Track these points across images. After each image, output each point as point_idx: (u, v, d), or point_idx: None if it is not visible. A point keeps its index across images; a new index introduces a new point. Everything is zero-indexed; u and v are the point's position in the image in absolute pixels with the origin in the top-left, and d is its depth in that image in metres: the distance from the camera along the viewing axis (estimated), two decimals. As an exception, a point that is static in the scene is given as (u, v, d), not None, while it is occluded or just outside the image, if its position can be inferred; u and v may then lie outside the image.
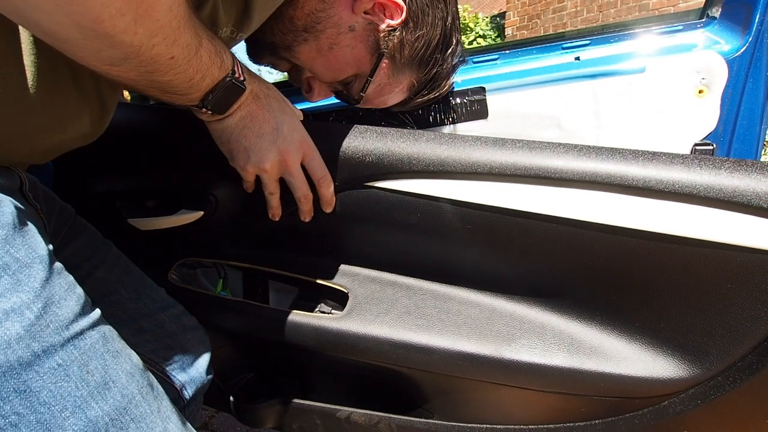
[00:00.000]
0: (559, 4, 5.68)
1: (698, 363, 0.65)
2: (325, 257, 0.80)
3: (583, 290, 0.69)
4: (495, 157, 0.65)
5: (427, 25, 0.73)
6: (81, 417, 0.43)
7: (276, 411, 0.85)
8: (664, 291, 0.64)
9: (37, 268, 0.44)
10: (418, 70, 0.78)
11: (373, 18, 0.70)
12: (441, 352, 0.71)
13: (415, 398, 0.83)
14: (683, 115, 0.89)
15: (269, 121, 0.63)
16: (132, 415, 0.46)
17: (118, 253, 0.71)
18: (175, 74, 0.49)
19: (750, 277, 0.59)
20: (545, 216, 0.64)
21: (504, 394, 0.75)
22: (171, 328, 0.69)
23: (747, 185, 0.57)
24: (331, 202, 0.71)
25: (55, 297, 0.45)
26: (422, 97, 0.83)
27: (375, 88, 0.77)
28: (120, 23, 0.39)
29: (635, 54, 0.89)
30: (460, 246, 0.71)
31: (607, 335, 0.69)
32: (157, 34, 0.43)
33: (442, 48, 0.77)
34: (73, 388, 0.43)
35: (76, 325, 0.45)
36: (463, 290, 0.76)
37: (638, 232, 0.61)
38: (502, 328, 0.72)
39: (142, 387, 0.49)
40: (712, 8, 0.88)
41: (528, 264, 0.70)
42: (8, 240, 0.43)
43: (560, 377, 0.69)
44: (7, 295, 0.42)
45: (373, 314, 0.75)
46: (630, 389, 0.68)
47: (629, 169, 0.61)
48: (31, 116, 0.50)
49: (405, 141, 0.69)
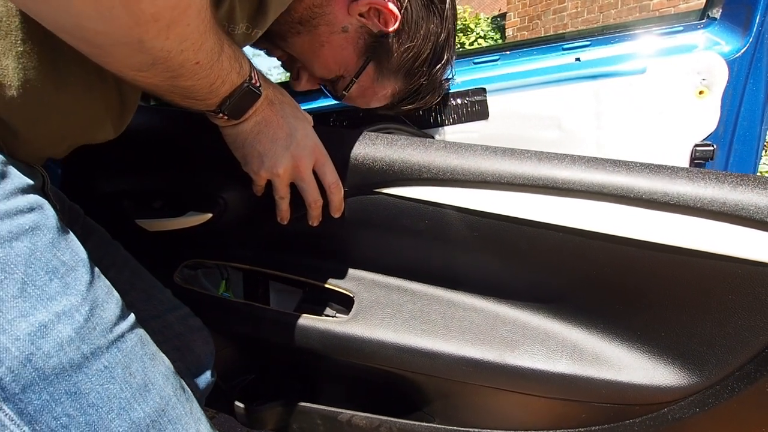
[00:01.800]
0: (559, 5, 5.69)
1: (697, 371, 0.66)
2: (331, 261, 0.81)
3: (587, 298, 0.70)
4: (504, 166, 0.66)
5: (419, 37, 0.73)
6: (125, 419, 0.44)
7: (277, 413, 0.85)
8: (665, 300, 0.65)
9: (81, 271, 0.45)
10: (403, 79, 0.79)
11: (367, 22, 0.70)
12: (445, 357, 0.72)
13: (417, 402, 0.83)
14: (684, 116, 0.89)
15: (283, 126, 0.64)
16: (169, 417, 0.47)
17: (127, 255, 0.71)
18: (198, 79, 0.50)
19: (750, 288, 0.60)
20: (552, 225, 0.65)
21: (506, 400, 0.76)
22: (178, 329, 0.69)
23: (749, 199, 0.58)
24: (340, 208, 0.72)
25: (99, 300, 0.45)
26: (406, 105, 0.84)
27: (358, 89, 0.78)
28: (153, 28, 0.40)
29: (636, 55, 0.89)
30: (467, 253, 0.72)
31: (608, 343, 0.70)
32: (187, 38, 0.44)
33: (430, 62, 0.78)
34: (118, 390, 0.44)
35: (118, 328, 0.46)
36: (468, 296, 0.76)
37: (642, 243, 0.62)
38: (506, 335, 0.72)
39: (176, 389, 0.49)
40: (713, 9, 0.88)
41: (533, 272, 0.71)
42: (54, 243, 0.44)
43: (562, 383, 0.69)
44: (57, 298, 0.42)
45: (379, 318, 0.75)
46: (630, 396, 0.69)
47: (635, 181, 0.62)
48: (66, 117, 0.51)
49: (415, 149, 0.69)
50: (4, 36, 0.44)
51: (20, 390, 0.40)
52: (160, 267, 0.78)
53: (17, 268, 0.41)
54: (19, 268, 0.41)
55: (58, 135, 0.53)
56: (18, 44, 0.44)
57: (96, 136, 0.57)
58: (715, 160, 0.91)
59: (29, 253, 0.42)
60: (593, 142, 0.94)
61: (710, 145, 0.89)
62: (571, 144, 0.94)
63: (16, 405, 0.40)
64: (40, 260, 0.42)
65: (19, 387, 0.40)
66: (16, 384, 0.40)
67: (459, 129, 0.96)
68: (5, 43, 0.44)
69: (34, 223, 0.43)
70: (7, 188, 0.43)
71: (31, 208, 0.43)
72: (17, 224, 0.42)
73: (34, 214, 0.43)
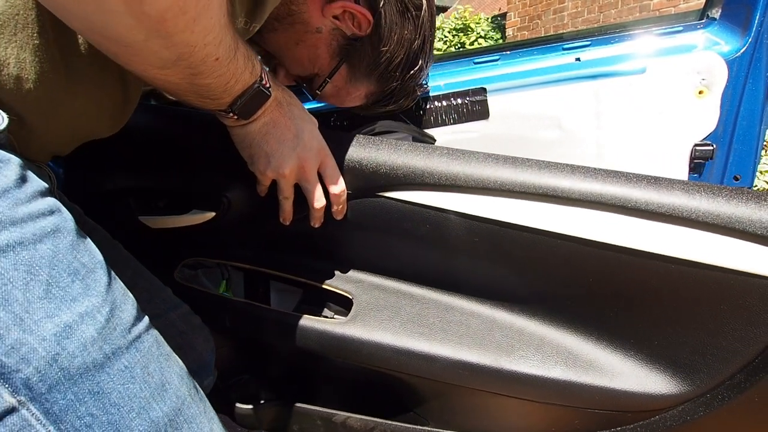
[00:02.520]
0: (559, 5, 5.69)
1: (689, 380, 0.67)
2: (332, 262, 0.81)
3: (582, 305, 0.71)
4: (505, 174, 0.67)
5: (392, 42, 0.74)
6: (145, 418, 0.44)
7: (272, 413, 0.86)
8: (659, 309, 0.66)
9: (99, 273, 0.45)
10: (376, 82, 0.80)
11: (341, 25, 0.71)
12: (442, 361, 0.72)
13: (413, 404, 0.84)
14: (683, 115, 0.89)
15: (291, 128, 0.64)
16: (185, 416, 0.48)
17: (128, 255, 0.72)
18: (215, 77, 0.50)
19: (742, 299, 0.61)
20: (550, 232, 0.66)
21: (500, 404, 0.77)
22: (181, 327, 0.69)
23: (743, 212, 0.60)
24: (343, 210, 0.72)
25: (117, 301, 0.46)
26: (380, 107, 0.85)
27: (332, 89, 0.79)
28: (181, 21, 0.41)
29: (635, 55, 0.90)
30: (466, 257, 0.73)
31: (602, 349, 0.71)
32: (210, 32, 0.44)
33: (404, 67, 0.78)
34: (138, 389, 0.44)
35: (136, 329, 0.46)
36: (465, 300, 0.77)
37: (638, 252, 0.63)
38: (502, 340, 0.73)
39: (191, 389, 0.50)
40: (712, 9, 0.88)
41: (530, 277, 0.72)
42: (74, 246, 0.44)
43: (556, 389, 0.70)
44: (80, 299, 0.43)
45: (377, 321, 0.76)
46: (623, 403, 0.70)
47: (633, 192, 0.63)
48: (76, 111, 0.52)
49: (419, 154, 0.70)
50: (23, 29, 0.44)
51: (47, 390, 0.40)
52: (161, 265, 0.79)
53: (42, 270, 0.41)
54: (43, 270, 0.41)
55: (68, 130, 0.54)
56: (35, 37, 0.45)
57: (99, 131, 0.58)
58: (714, 159, 0.91)
59: (52, 255, 0.42)
60: (593, 142, 0.94)
61: (710, 145, 0.90)
62: (571, 144, 0.95)
63: (42, 405, 0.40)
64: (63, 262, 0.43)
65: (46, 387, 0.40)
66: (42, 384, 0.40)
67: (459, 129, 0.97)
68: (23, 36, 0.44)
69: (55, 225, 0.44)
70: (28, 191, 0.43)
71: (51, 211, 0.44)
72: (40, 227, 0.42)
73: (54, 216, 0.44)
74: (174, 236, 0.81)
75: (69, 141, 0.56)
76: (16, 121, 0.46)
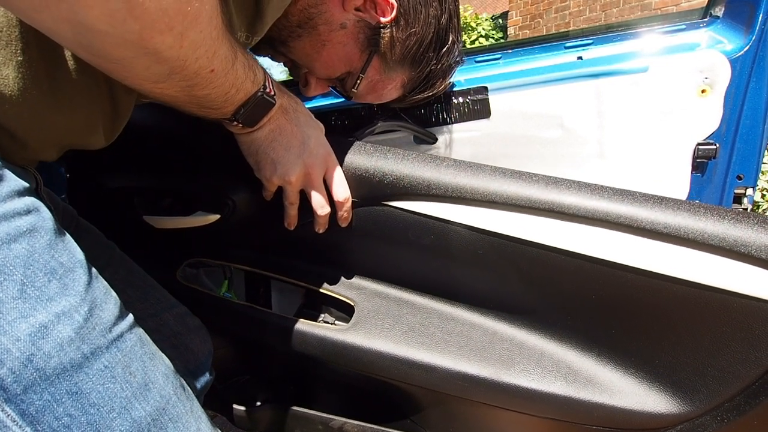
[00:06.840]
0: (561, 4, 5.67)
1: (689, 400, 0.68)
2: (334, 268, 0.81)
3: (584, 321, 0.71)
4: (512, 189, 0.67)
5: (419, 23, 0.73)
6: (126, 418, 0.44)
7: (269, 415, 0.85)
8: (661, 329, 0.66)
9: (79, 272, 0.45)
10: (410, 68, 0.78)
11: (364, 15, 0.70)
12: (441, 371, 0.73)
13: (411, 413, 0.84)
14: (686, 114, 0.89)
15: (297, 135, 0.64)
16: (170, 416, 0.47)
17: (122, 254, 0.71)
18: (213, 88, 0.50)
19: (745, 322, 0.62)
20: (555, 248, 0.66)
21: (499, 417, 0.77)
22: (175, 327, 0.69)
23: (749, 236, 0.60)
24: (347, 217, 0.72)
25: (98, 300, 0.46)
26: (418, 95, 0.83)
27: (367, 85, 0.78)
28: (168, 38, 0.40)
29: (638, 53, 0.89)
30: (469, 269, 0.73)
31: (603, 366, 0.71)
32: (200, 46, 0.44)
33: (435, 47, 0.77)
34: (119, 389, 0.44)
35: (117, 328, 0.46)
36: (467, 312, 0.77)
37: (642, 272, 0.63)
38: (503, 352, 0.73)
39: (176, 388, 0.50)
40: (715, 7, 0.88)
41: (533, 292, 0.72)
42: (52, 245, 0.44)
43: (556, 404, 0.71)
44: (56, 298, 0.42)
45: (378, 329, 0.76)
46: (622, 421, 0.70)
47: (639, 211, 0.63)
48: (62, 124, 0.51)
49: (426, 165, 0.70)
50: (5, 46, 0.44)
51: (22, 390, 0.40)
52: (163, 265, 0.79)
53: (16, 270, 0.41)
54: (18, 270, 0.41)
55: (54, 141, 0.53)
56: (18, 54, 0.45)
57: (89, 142, 0.57)
58: (717, 158, 0.91)
59: (27, 255, 0.42)
60: (595, 141, 0.93)
61: (713, 144, 0.89)
62: (573, 143, 0.94)
63: (17, 406, 0.40)
64: (39, 262, 0.42)
65: (21, 388, 0.40)
66: (17, 385, 0.40)
67: (461, 127, 0.96)
68: (6, 53, 0.44)
69: (32, 225, 0.43)
70: (3, 191, 0.43)
71: (27, 211, 0.44)
72: (15, 227, 0.42)
73: (31, 216, 0.44)
74: (176, 236, 0.81)
75: (54, 149, 0.56)
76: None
